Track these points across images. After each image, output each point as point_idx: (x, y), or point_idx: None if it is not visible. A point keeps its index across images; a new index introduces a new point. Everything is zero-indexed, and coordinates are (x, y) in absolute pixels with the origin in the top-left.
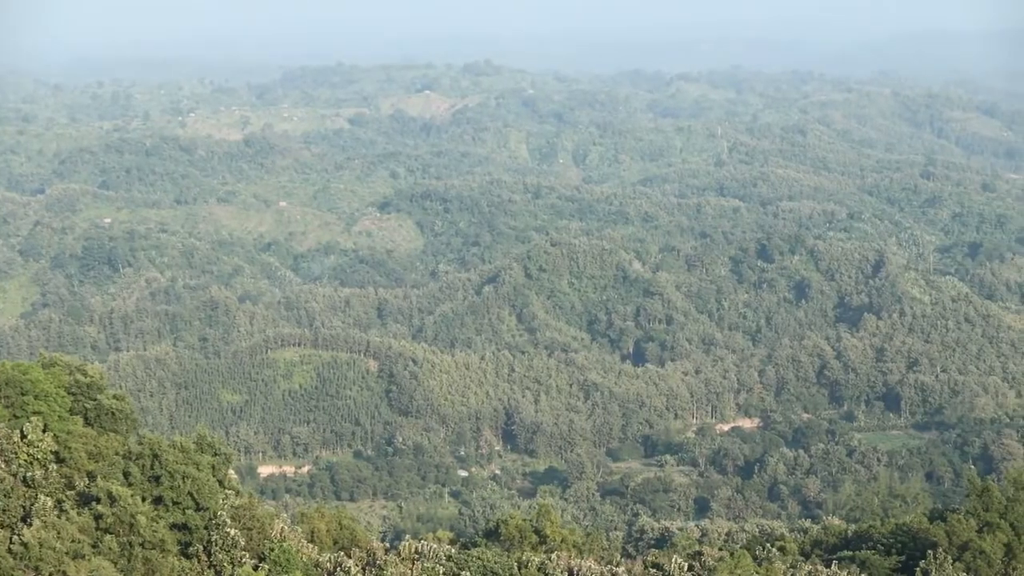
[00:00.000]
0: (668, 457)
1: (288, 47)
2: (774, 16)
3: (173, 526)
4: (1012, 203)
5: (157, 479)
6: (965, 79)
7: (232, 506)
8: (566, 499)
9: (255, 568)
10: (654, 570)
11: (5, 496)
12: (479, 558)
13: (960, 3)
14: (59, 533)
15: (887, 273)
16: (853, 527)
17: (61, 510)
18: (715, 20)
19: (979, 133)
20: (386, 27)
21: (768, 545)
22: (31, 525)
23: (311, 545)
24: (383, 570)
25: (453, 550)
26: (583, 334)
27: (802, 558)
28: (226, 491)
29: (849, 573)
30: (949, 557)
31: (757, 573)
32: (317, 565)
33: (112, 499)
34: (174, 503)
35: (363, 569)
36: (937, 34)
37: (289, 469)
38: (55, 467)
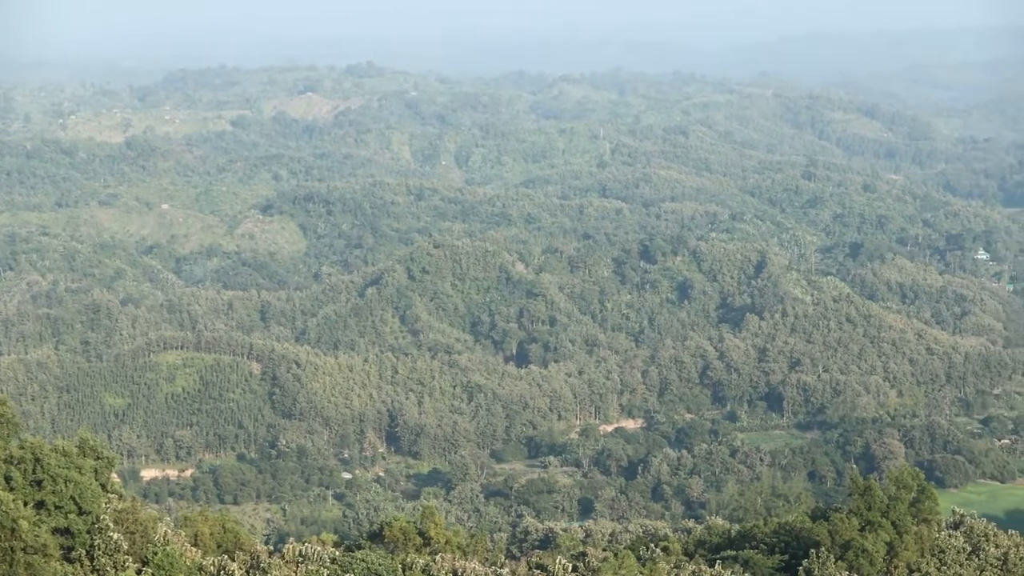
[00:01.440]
0: (552, 458)
1: (169, 49)
2: (655, 19)
3: (55, 531)
4: (892, 203)
5: (39, 483)
6: (846, 80)
7: (115, 510)
8: (450, 501)
9: (138, 572)
10: (538, 571)
11: None
12: (363, 560)
13: (841, 5)
14: None
15: (769, 274)
16: (736, 527)
17: None
18: (597, 22)
19: (860, 134)
20: (268, 29)
21: (652, 545)
22: None
23: (194, 549)
24: (267, 573)
25: (337, 553)
26: (466, 336)
27: (686, 558)
28: (109, 495)
29: (733, 573)
30: (832, 556)
31: (641, 573)
32: (200, 569)
33: None
34: (56, 507)
35: (247, 572)
36: (818, 36)
37: (172, 472)
38: None
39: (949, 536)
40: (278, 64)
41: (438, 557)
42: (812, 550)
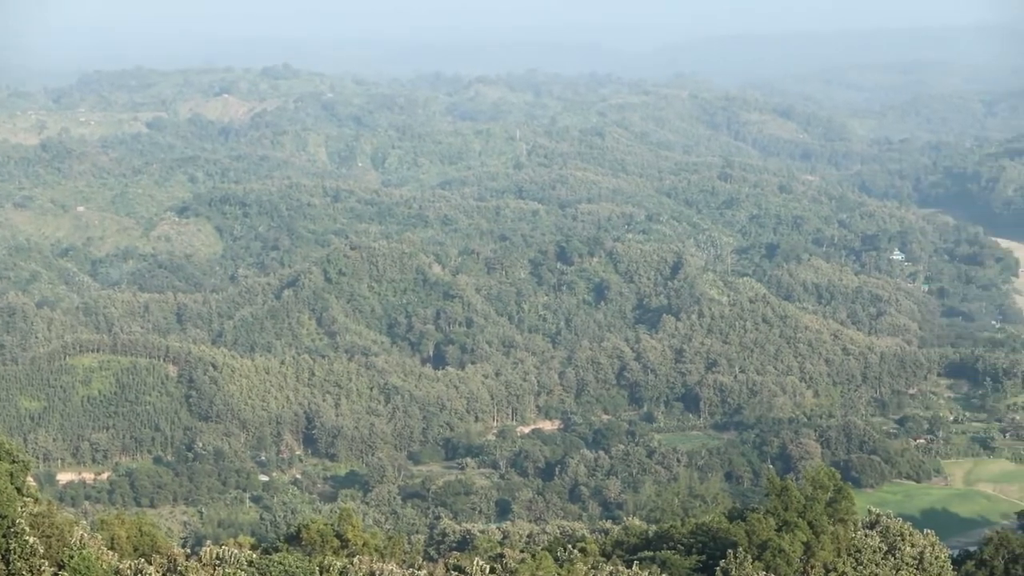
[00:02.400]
0: (469, 460)
1: (85, 50)
2: (571, 21)
3: None
4: (808, 204)
5: None
6: (762, 82)
7: (31, 513)
8: (367, 503)
9: None
10: (456, 573)
11: None
12: (280, 563)
13: (755, 8)
14: None
15: (685, 275)
16: (654, 527)
17: None
18: (513, 24)
19: (776, 135)
20: (183, 30)
21: (569, 546)
22: None
23: (111, 552)
24: None
25: (254, 555)
26: (383, 337)
27: (603, 559)
28: (24, 498)
29: (650, 573)
30: (749, 556)
31: (559, 574)
32: (117, 572)
33: None
34: None
35: (164, 575)
36: (734, 38)
37: (88, 476)
38: None
39: (865, 536)
40: (194, 66)
41: (355, 559)
42: (729, 550)
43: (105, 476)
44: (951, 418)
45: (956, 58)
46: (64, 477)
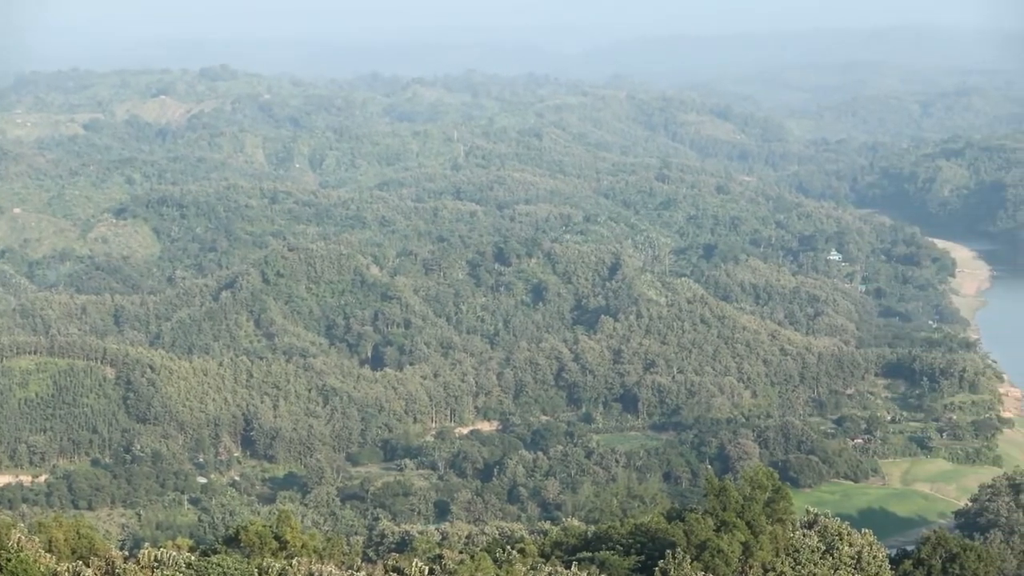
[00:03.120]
0: (408, 461)
1: (19, 51)
2: (508, 22)
3: None
4: (745, 205)
5: None
6: (699, 83)
7: None
8: (306, 504)
9: None
10: (394, 574)
11: None
12: (219, 565)
13: (691, 9)
14: None
15: (623, 275)
16: (592, 528)
17: None
18: (450, 25)
19: (713, 136)
20: (120, 31)
21: (508, 547)
22: None
23: (49, 555)
24: None
25: (193, 557)
26: (321, 339)
27: (542, 560)
28: None
29: (589, 574)
30: (687, 556)
31: (497, 575)
32: (55, 575)
33: None
34: None
35: None
36: (671, 39)
37: (26, 478)
38: None
39: (803, 536)
40: (131, 67)
41: (294, 561)
42: (668, 551)
43: (42, 479)
44: (888, 418)
45: (891, 59)
46: (1, 480)
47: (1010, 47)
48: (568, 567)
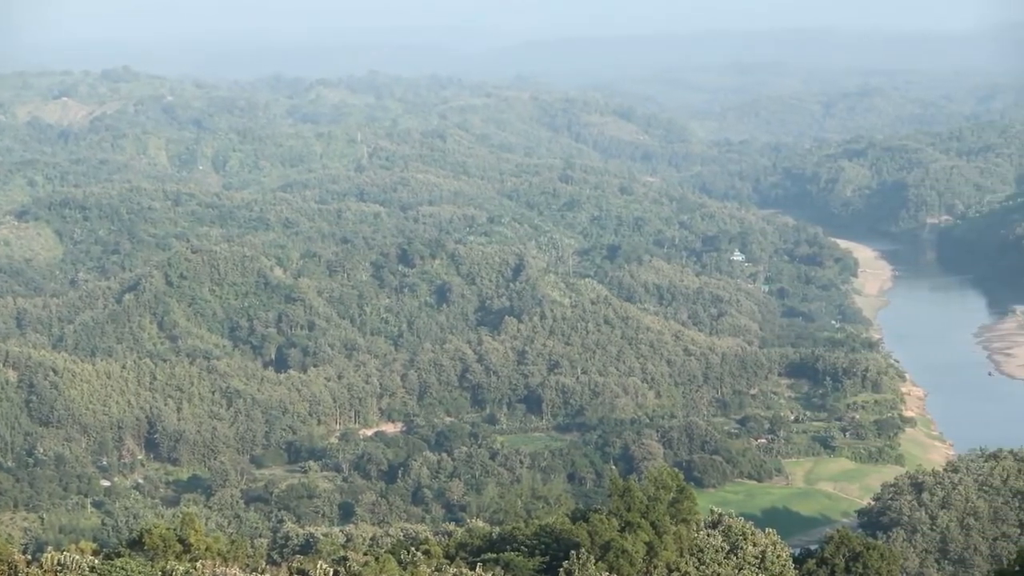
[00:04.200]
0: (312, 463)
1: None
2: (410, 23)
3: None
4: (649, 206)
5: None
6: (602, 83)
7: None
8: (210, 507)
9: None
10: None
11: None
12: (122, 568)
13: (592, 11)
14: None
15: (527, 276)
16: (497, 529)
17: None
18: (352, 26)
19: (616, 137)
20: (18, 33)
21: (413, 549)
22: None
23: None
24: None
25: (96, 561)
26: (225, 341)
27: (447, 561)
28: None
29: (494, 575)
30: (592, 557)
31: None
32: None
33: None
34: None
35: None
36: (573, 40)
37: None
38: None
39: (708, 535)
40: (31, 68)
41: (198, 564)
42: (572, 551)
43: None
44: (792, 418)
45: (791, 60)
46: None
47: (910, 48)
48: (473, 568)
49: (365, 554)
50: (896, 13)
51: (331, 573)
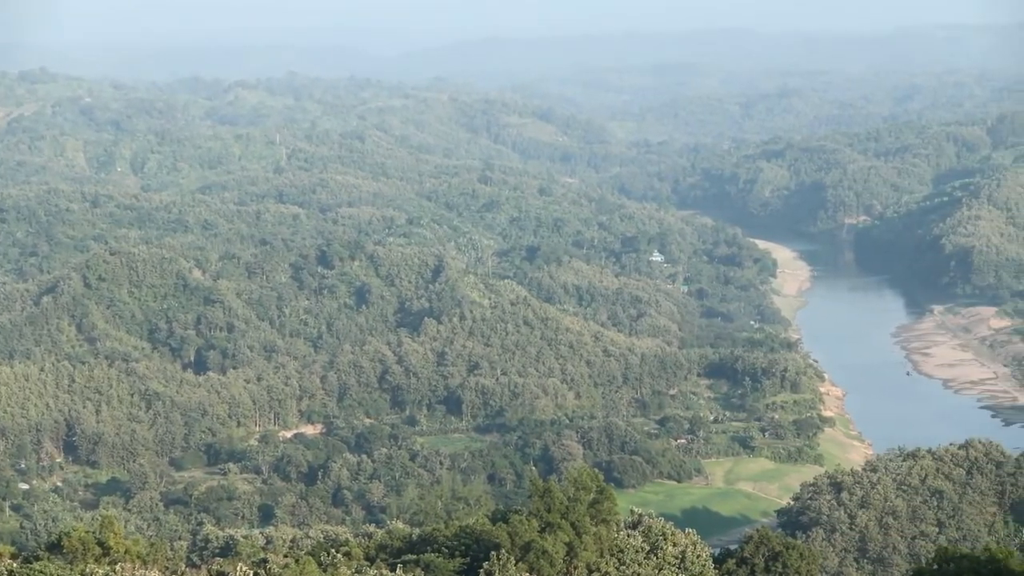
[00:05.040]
0: (231, 465)
1: None
2: (329, 23)
3: None
4: (568, 207)
5: None
6: (520, 84)
7: None
8: (129, 510)
9: None
10: None
11: None
12: (41, 572)
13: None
14: None
15: (447, 278)
16: (417, 531)
17: None
18: (269, 27)
19: (535, 138)
20: None
21: (333, 550)
22: None
23: None
24: None
25: (15, 564)
26: (144, 343)
27: (367, 563)
28: None
29: None
30: (512, 558)
31: None
32: None
33: None
34: None
35: None
36: (491, 41)
37: None
38: None
39: (628, 536)
40: None
41: (118, 567)
42: (492, 552)
43: None
44: (711, 418)
45: (709, 61)
46: None
47: (828, 49)
48: (393, 570)
49: (285, 556)
50: (814, 15)
51: (251, 575)
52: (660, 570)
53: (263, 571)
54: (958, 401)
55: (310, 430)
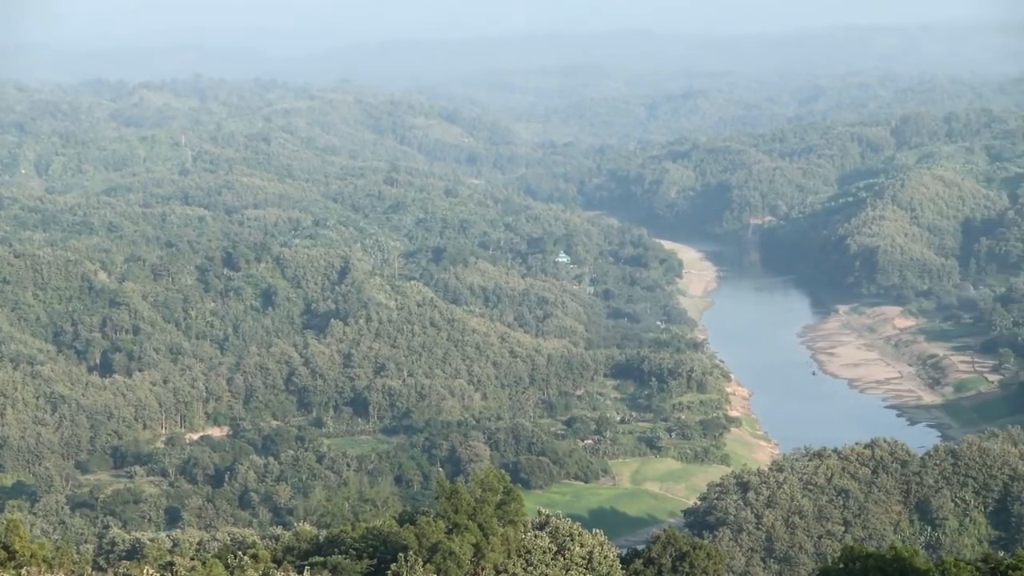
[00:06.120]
0: (138, 468)
1: None
2: (229, 25)
3: None
4: (474, 208)
5: None
6: (426, 86)
7: None
8: (35, 513)
9: None
10: None
11: None
12: None
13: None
14: None
15: (353, 279)
16: (324, 532)
17: None
18: (173, 28)
19: (441, 139)
20: None
21: (240, 553)
22: None
23: None
24: None
25: None
26: (49, 346)
27: (274, 565)
28: None
29: None
30: (419, 559)
31: None
32: None
33: None
34: None
35: None
36: (396, 42)
37: None
38: None
39: (535, 537)
40: None
41: (24, 570)
42: (400, 554)
43: None
44: (618, 418)
45: (613, 63)
46: None
47: (733, 51)
48: (300, 572)
49: (192, 559)
50: (718, 17)
51: None
52: (567, 571)
53: (169, 574)
54: (863, 401)
55: (217, 432)
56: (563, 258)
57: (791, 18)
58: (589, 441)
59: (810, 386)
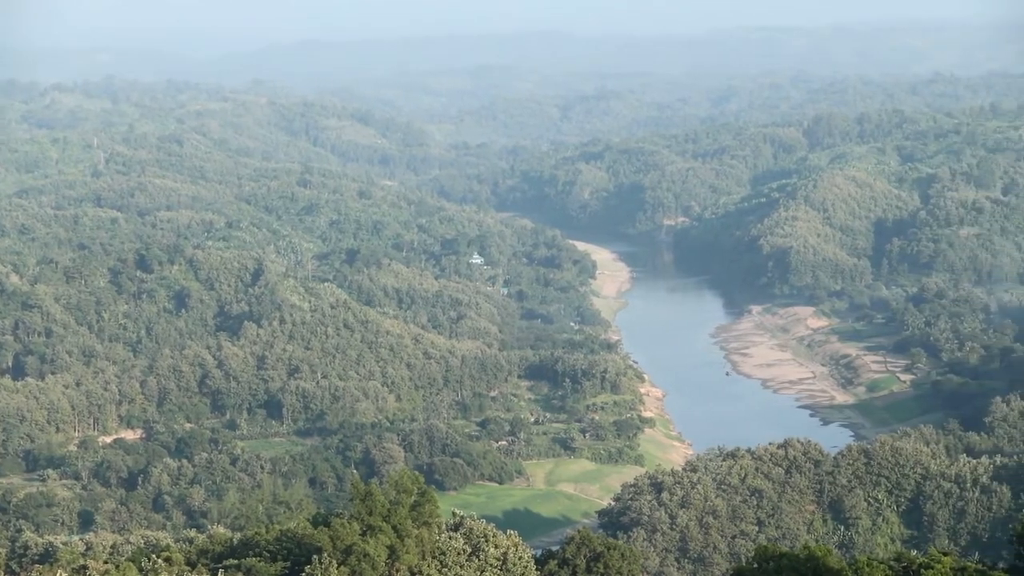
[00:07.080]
0: (50, 471)
1: None
2: (139, 25)
3: None
4: (388, 209)
5: None
6: (339, 87)
7: None
8: None
9: None
10: None
11: None
12: None
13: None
14: None
15: (266, 281)
16: (238, 535)
17: None
18: (85, 29)
19: (354, 141)
20: None
21: (154, 556)
22: None
23: None
24: None
25: None
26: None
27: (188, 568)
28: None
29: None
30: (334, 561)
31: None
32: None
33: None
34: None
35: None
36: (308, 44)
37: None
38: None
39: (449, 538)
40: None
41: None
42: (314, 556)
43: None
44: (532, 419)
45: (525, 64)
46: None
47: (645, 52)
48: (214, 575)
49: (106, 562)
50: (629, 18)
51: None
52: (482, 572)
53: None
54: (777, 401)
55: (130, 435)
56: (477, 260)
57: (703, 19)
58: (503, 442)
59: (723, 386)
